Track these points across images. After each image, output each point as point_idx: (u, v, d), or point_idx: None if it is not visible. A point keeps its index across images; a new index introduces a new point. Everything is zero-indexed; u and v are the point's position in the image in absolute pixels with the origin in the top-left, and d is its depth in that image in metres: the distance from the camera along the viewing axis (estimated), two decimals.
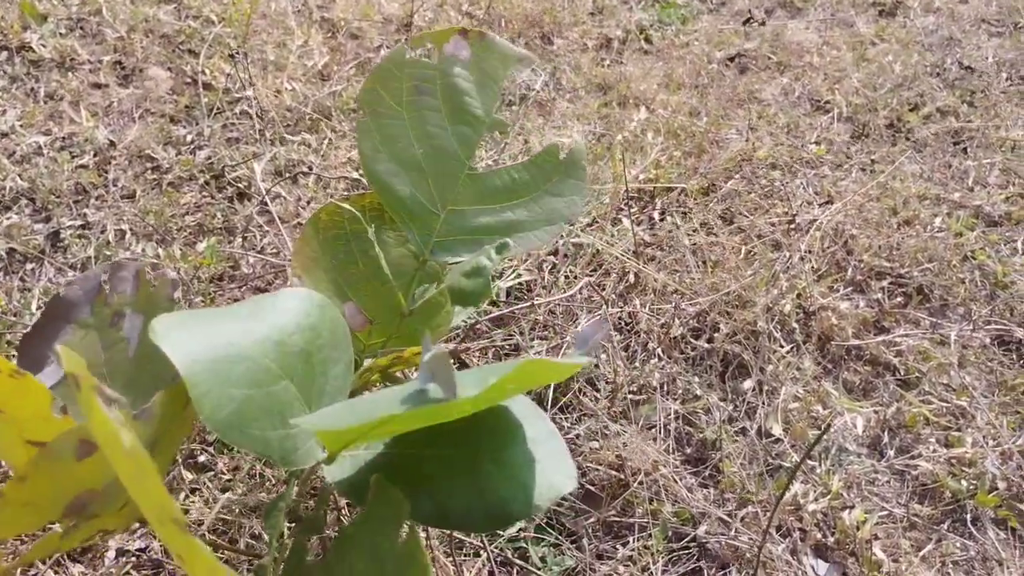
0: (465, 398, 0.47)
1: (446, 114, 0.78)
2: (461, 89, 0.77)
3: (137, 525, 0.94)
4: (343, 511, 0.91)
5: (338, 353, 0.61)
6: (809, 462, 1.07)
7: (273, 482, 0.97)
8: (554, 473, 0.58)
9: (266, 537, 0.90)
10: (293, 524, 0.86)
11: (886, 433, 1.12)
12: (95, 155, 1.45)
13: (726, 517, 0.98)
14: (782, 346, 1.21)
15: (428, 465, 0.59)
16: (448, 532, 0.93)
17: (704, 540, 0.97)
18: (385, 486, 0.54)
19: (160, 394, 0.52)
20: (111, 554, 0.92)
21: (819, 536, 0.98)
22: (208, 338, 0.53)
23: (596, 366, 1.14)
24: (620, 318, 1.23)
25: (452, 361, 0.52)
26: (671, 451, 1.06)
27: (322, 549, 0.76)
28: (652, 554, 0.95)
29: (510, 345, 1.17)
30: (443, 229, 0.79)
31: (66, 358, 0.40)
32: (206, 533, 0.91)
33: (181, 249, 1.27)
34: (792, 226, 1.42)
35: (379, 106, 0.76)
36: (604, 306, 1.21)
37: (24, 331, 1.13)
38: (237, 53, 1.67)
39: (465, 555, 0.93)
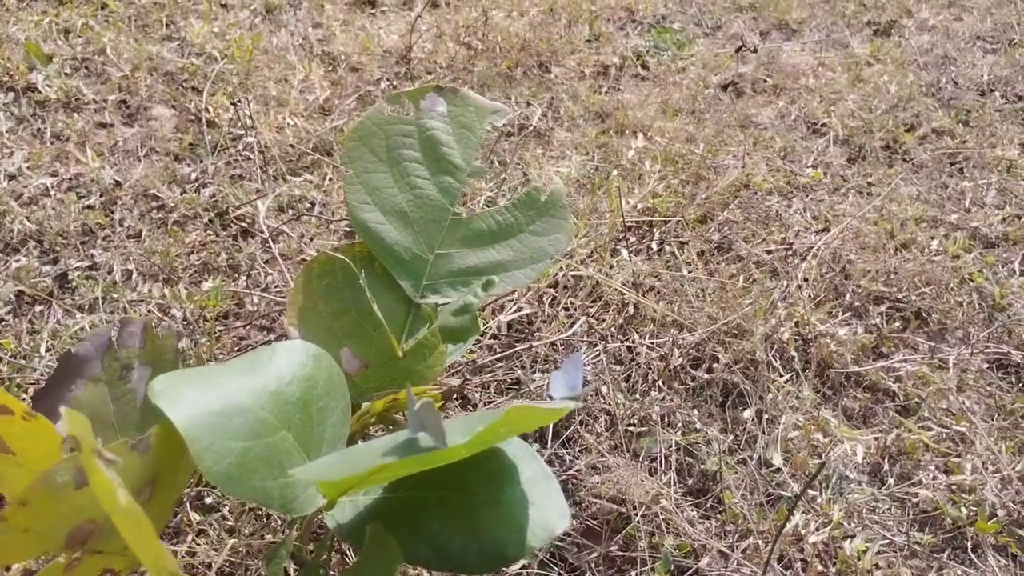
0: (455, 446, 0.48)
1: (427, 165, 0.83)
2: (440, 141, 0.82)
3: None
4: (346, 554, 0.92)
5: (335, 401, 0.63)
6: (810, 491, 1.08)
7: (279, 523, 0.99)
8: (548, 512, 0.60)
9: None
10: (297, 570, 0.87)
11: (886, 460, 1.13)
12: (101, 195, 1.47)
13: (727, 550, 0.99)
14: (781, 375, 1.22)
15: (425, 508, 0.61)
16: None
17: (706, 573, 0.98)
18: (380, 535, 0.56)
19: (157, 428, 0.54)
20: None
21: (820, 567, 0.99)
22: (206, 393, 0.55)
23: (598, 395, 1.16)
24: (619, 350, 1.24)
25: (443, 409, 0.53)
26: (672, 483, 1.07)
27: None
28: None
29: (511, 379, 1.18)
30: (432, 272, 0.83)
31: (69, 420, 0.42)
32: None
33: (187, 288, 1.30)
34: (789, 253, 1.43)
35: (362, 160, 0.80)
36: (602, 341, 1.23)
37: (34, 382, 1.15)
38: (238, 101, 1.70)
39: None
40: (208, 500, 1.02)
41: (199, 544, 0.96)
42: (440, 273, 0.82)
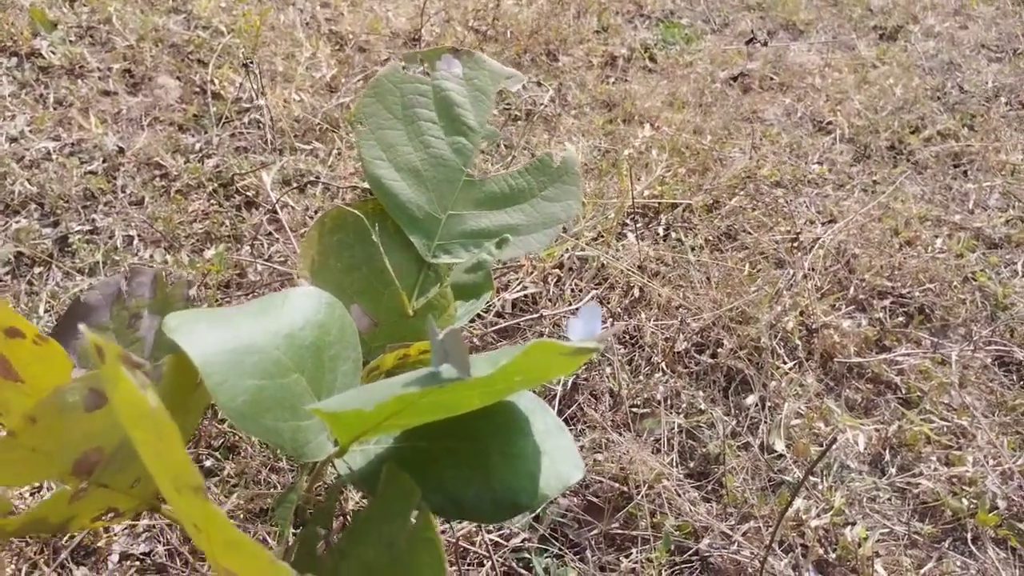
0: (478, 378, 0.47)
1: (441, 125, 0.83)
2: (455, 102, 0.83)
3: (143, 529, 0.95)
4: (357, 503, 0.91)
5: (347, 351, 0.62)
6: (812, 478, 1.07)
7: (278, 487, 0.97)
8: (562, 464, 0.60)
9: (272, 539, 0.90)
10: (300, 527, 0.86)
11: (887, 451, 1.12)
12: (104, 161, 1.46)
13: (728, 531, 0.99)
14: (785, 362, 1.21)
15: (438, 457, 0.60)
16: (454, 540, 0.93)
17: (707, 554, 0.97)
18: (397, 473, 0.55)
19: (170, 357, 0.52)
20: (115, 557, 0.92)
21: (821, 552, 0.99)
22: (220, 331, 0.54)
23: (602, 376, 1.15)
24: (625, 332, 1.23)
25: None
26: (675, 464, 1.07)
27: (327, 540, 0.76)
28: (655, 567, 0.95)
29: None
30: (444, 232, 0.83)
31: (89, 334, 0.41)
32: None
33: (189, 256, 1.28)
34: (795, 244, 1.43)
35: (377, 117, 0.80)
36: (610, 319, 1.22)
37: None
38: (250, 63, 1.69)
39: (469, 564, 0.94)
40: (207, 463, 1.00)
41: None
42: (453, 234, 0.82)
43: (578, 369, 1.15)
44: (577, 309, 1.21)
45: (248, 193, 1.43)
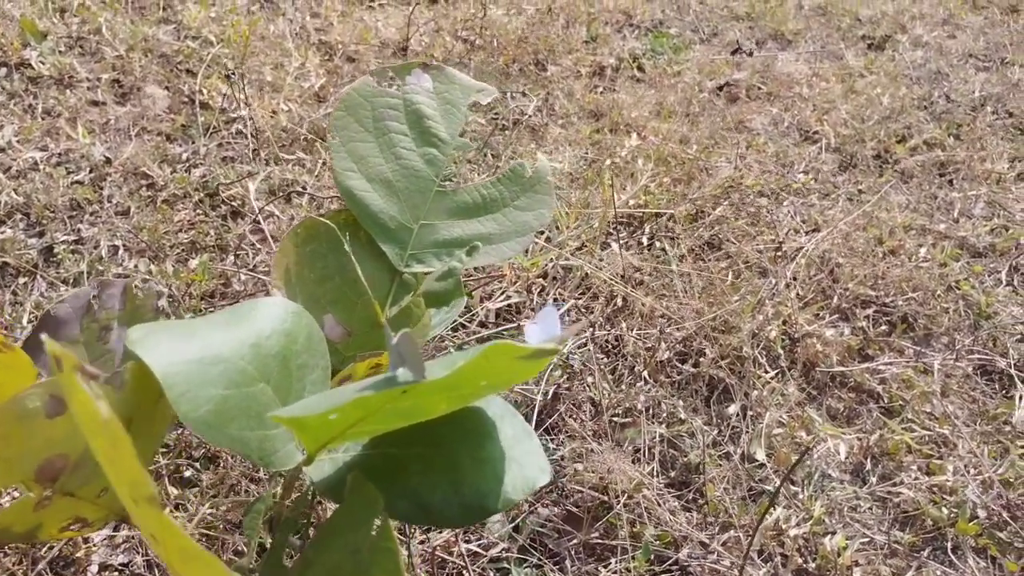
0: (438, 381, 0.48)
1: (412, 137, 0.84)
2: (425, 115, 0.84)
3: (122, 540, 0.95)
4: (326, 513, 0.91)
5: (314, 360, 0.62)
6: (792, 487, 1.08)
7: (254, 500, 0.97)
8: (529, 468, 0.60)
9: (246, 547, 0.90)
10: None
11: (869, 460, 1.13)
12: (91, 171, 1.46)
13: (708, 540, 0.99)
14: (767, 372, 1.22)
15: (406, 464, 0.60)
16: (431, 550, 0.93)
17: (686, 563, 0.97)
18: (361, 482, 0.55)
19: (131, 365, 0.53)
20: (94, 568, 0.92)
21: (800, 561, 0.99)
22: (183, 343, 0.54)
23: (584, 386, 1.15)
24: (607, 341, 1.24)
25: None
26: (655, 474, 1.07)
27: (301, 550, 0.76)
28: None
29: None
30: (416, 242, 0.84)
31: (48, 344, 0.41)
32: None
33: (173, 266, 1.28)
34: (779, 253, 1.44)
35: (348, 130, 0.81)
36: (590, 328, 1.22)
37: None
38: (233, 74, 1.70)
39: (448, 574, 0.94)
40: (187, 474, 1.01)
41: (177, 516, 0.95)
42: (425, 243, 0.83)
43: (542, 371, 1.16)
44: (534, 311, 1.22)
45: (234, 203, 1.43)
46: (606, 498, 1.02)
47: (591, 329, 1.23)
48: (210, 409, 0.51)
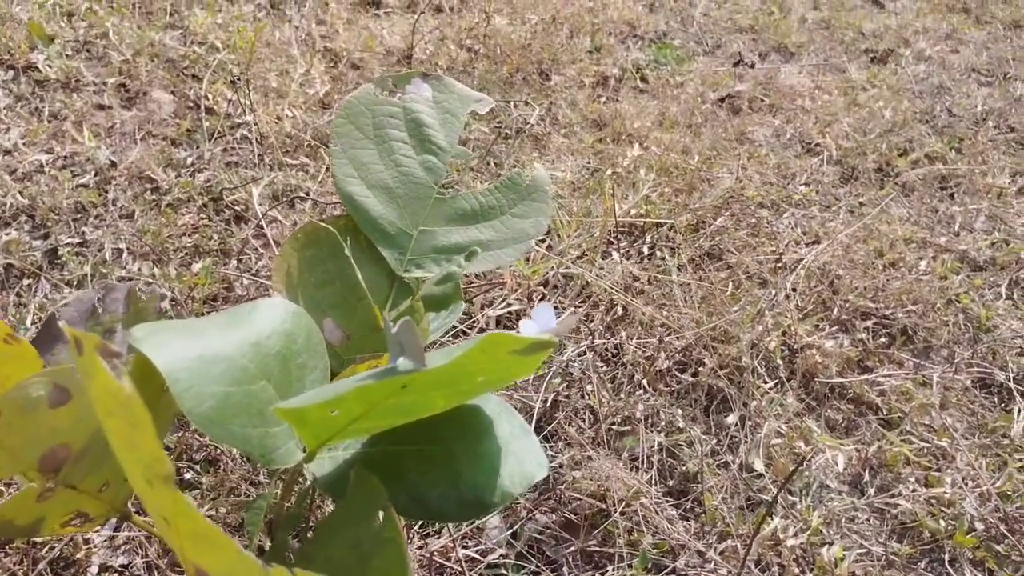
0: (436, 372, 0.48)
1: (412, 145, 0.86)
2: (425, 123, 0.86)
3: (122, 541, 0.95)
4: (325, 509, 0.92)
5: (314, 360, 0.63)
6: (790, 498, 1.08)
7: (254, 498, 0.98)
8: (526, 463, 0.61)
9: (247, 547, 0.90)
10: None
11: (867, 471, 1.13)
12: (96, 175, 1.47)
13: (705, 550, 0.99)
14: (766, 382, 1.22)
15: (405, 460, 0.61)
16: (429, 556, 0.93)
17: (683, 572, 0.98)
18: (364, 477, 0.56)
19: (134, 357, 0.53)
20: (94, 569, 0.92)
21: (797, 571, 0.99)
22: (186, 341, 0.55)
23: (582, 394, 1.16)
24: (607, 349, 1.24)
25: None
26: (653, 482, 1.07)
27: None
28: None
29: None
30: (415, 248, 0.86)
31: (67, 328, 0.42)
32: None
33: (176, 269, 1.29)
34: (779, 264, 1.44)
35: (349, 137, 0.82)
36: (590, 337, 1.23)
37: None
38: (238, 80, 1.71)
39: None
40: (187, 476, 1.01)
41: None
42: (424, 249, 0.84)
43: (542, 378, 1.16)
44: (529, 309, 1.23)
45: (237, 208, 1.44)
46: (604, 506, 1.02)
47: (591, 337, 1.23)
48: (213, 405, 0.51)
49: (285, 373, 0.58)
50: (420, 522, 0.98)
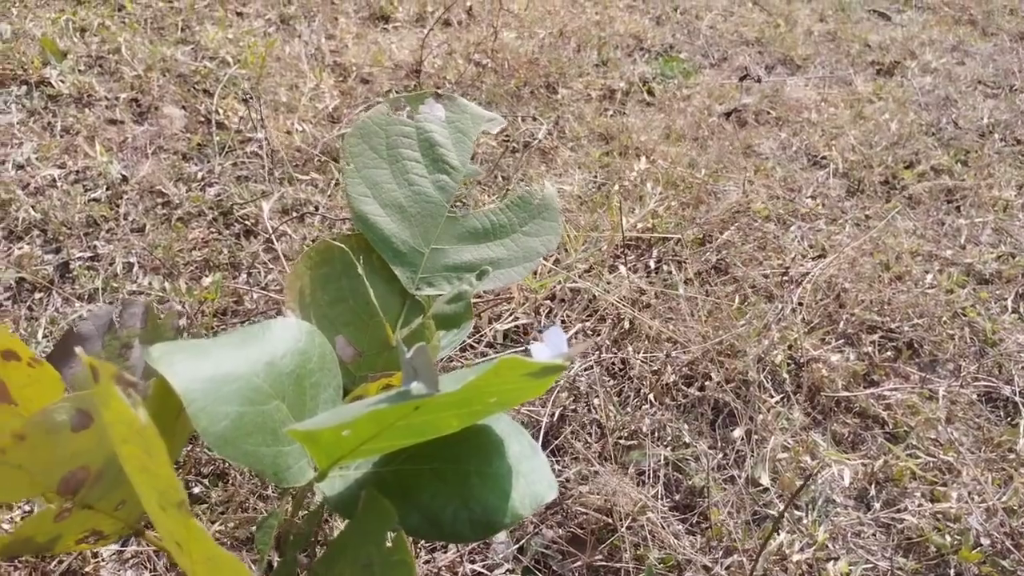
0: (451, 395, 0.49)
1: (425, 164, 0.87)
2: (437, 143, 0.87)
3: (131, 555, 0.96)
4: (335, 529, 0.92)
5: (327, 379, 0.64)
6: (796, 512, 1.08)
7: (265, 516, 0.99)
8: (537, 484, 0.62)
9: (256, 567, 0.91)
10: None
11: (873, 486, 1.13)
12: (107, 189, 1.49)
13: (712, 564, 1.00)
14: (772, 396, 1.23)
15: (416, 480, 0.62)
16: (436, 571, 0.94)
17: None
18: (375, 497, 0.57)
19: (154, 381, 0.54)
20: None
21: None
22: (202, 361, 0.56)
23: (589, 408, 1.16)
24: (614, 364, 1.25)
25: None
26: (659, 497, 1.08)
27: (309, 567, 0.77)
28: None
29: None
30: (427, 266, 0.87)
31: (83, 356, 0.43)
32: None
33: (187, 283, 1.30)
34: (785, 278, 1.45)
35: (363, 157, 0.83)
36: (596, 351, 1.24)
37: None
38: (250, 97, 1.72)
39: None
40: (196, 490, 1.02)
41: None
42: (436, 267, 0.85)
43: (549, 392, 1.17)
44: (540, 332, 1.23)
45: (247, 222, 1.45)
46: (610, 520, 1.03)
47: (598, 352, 1.24)
48: (227, 425, 0.52)
49: (298, 392, 0.59)
50: None
